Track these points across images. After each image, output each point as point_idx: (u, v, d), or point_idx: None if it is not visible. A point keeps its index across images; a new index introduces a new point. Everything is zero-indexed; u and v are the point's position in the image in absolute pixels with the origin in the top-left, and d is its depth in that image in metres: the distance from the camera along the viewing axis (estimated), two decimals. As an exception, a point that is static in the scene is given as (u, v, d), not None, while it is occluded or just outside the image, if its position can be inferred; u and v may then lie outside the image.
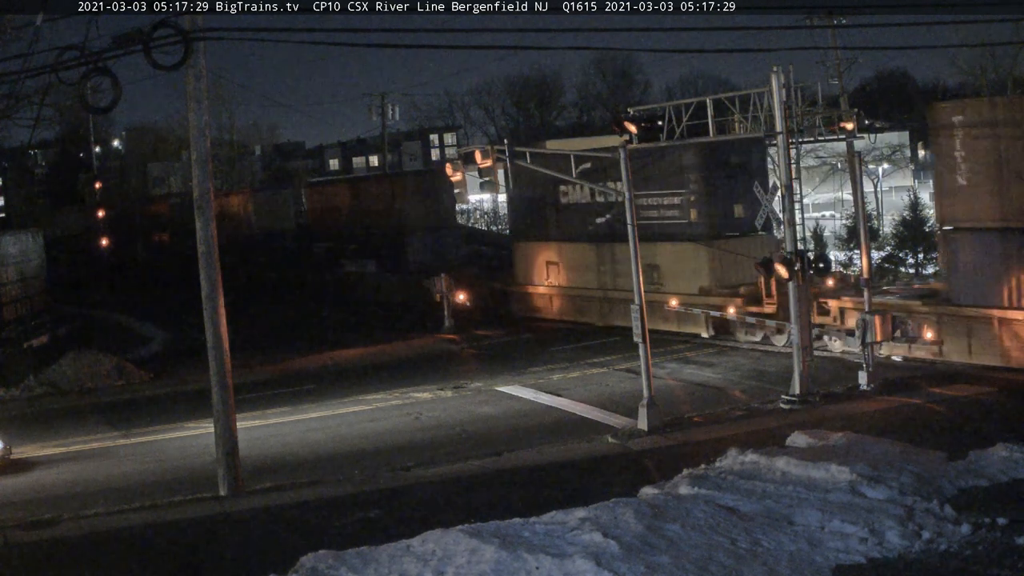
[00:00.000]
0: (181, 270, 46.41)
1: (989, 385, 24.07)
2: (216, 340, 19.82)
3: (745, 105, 25.00)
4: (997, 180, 24.98)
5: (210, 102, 20.46)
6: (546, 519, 15.24)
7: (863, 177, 25.40)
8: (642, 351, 22.77)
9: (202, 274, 19.85)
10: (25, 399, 31.29)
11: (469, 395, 27.76)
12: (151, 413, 28.37)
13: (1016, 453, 17.50)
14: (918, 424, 21.30)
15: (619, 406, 24.54)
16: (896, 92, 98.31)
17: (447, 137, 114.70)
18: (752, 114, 24.82)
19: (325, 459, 22.10)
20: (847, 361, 26.81)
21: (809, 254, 24.02)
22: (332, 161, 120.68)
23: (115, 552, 17.11)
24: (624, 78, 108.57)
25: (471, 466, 20.64)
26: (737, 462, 17.97)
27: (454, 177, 26.28)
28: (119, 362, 34.13)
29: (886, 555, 13.91)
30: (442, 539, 14.41)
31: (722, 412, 23.66)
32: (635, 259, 23.34)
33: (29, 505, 19.88)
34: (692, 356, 30.72)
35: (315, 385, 30.49)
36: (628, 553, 13.69)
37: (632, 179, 22.67)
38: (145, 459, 23.48)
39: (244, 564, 15.90)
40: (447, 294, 39.02)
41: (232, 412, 19.97)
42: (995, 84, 60.49)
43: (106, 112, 27.75)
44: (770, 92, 24.35)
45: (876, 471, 16.52)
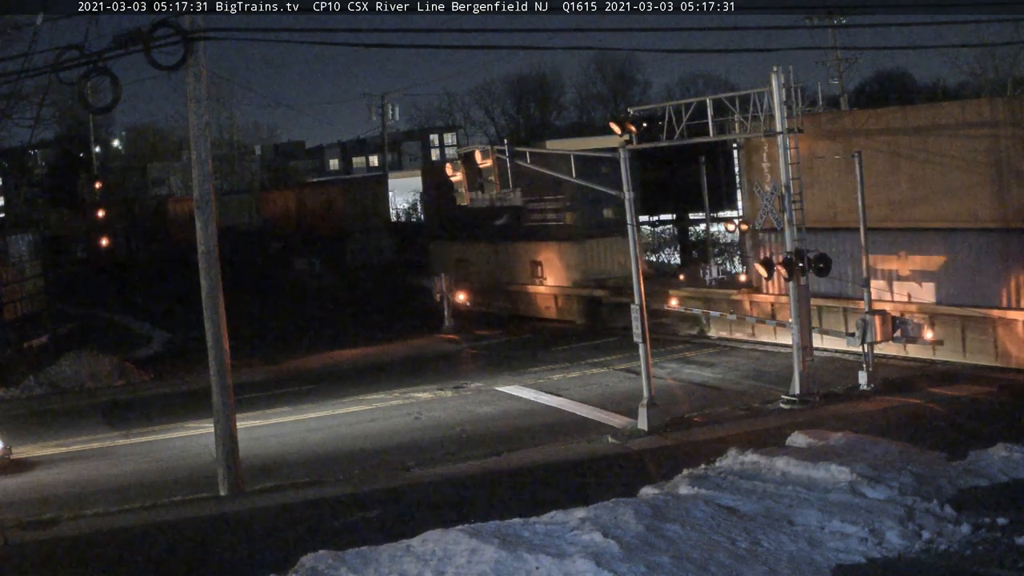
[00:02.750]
0: (181, 270, 47.45)
1: (989, 385, 24.08)
2: (216, 340, 19.82)
3: (745, 105, 24.96)
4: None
5: (210, 102, 20.47)
6: (546, 519, 15.23)
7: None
8: (642, 351, 22.78)
9: (202, 274, 19.85)
10: (25, 399, 31.29)
11: (469, 395, 27.77)
12: (151, 413, 28.38)
13: (1016, 453, 17.50)
14: (918, 424, 21.31)
15: (619, 406, 24.54)
16: (896, 92, 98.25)
17: (447, 137, 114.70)
18: (752, 114, 24.79)
19: (325, 459, 22.10)
20: (847, 361, 26.82)
21: (809, 254, 24.02)
22: (332, 161, 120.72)
23: (115, 552, 17.10)
24: (624, 78, 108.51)
25: (471, 466, 20.64)
26: (737, 462, 17.97)
27: (454, 177, 26.27)
28: (119, 362, 34.15)
29: (886, 555, 13.90)
30: (442, 539, 14.41)
31: (722, 412, 23.66)
32: (635, 259, 23.34)
33: (29, 505, 19.88)
34: (692, 356, 30.73)
35: (315, 385, 30.51)
36: (628, 553, 13.69)
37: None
38: (145, 459, 23.48)
39: (244, 564, 15.90)
40: (447, 294, 39.03)
41: (232, 412, 19.96)
42: (995, 84, 60.47)
43: (106, 112, 27.78)
44: (770, 92, 24.35)
45: (876, 471, 16.52)
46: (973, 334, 26.10)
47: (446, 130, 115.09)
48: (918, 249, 27.39)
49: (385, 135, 72.29)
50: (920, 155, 27.26)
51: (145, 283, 63.85)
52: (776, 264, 24.31)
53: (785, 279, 24.50)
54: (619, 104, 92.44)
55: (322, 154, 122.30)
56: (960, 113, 27.58)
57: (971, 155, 26.10)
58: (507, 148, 25.22)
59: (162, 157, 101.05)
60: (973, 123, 26.48)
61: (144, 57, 18.02)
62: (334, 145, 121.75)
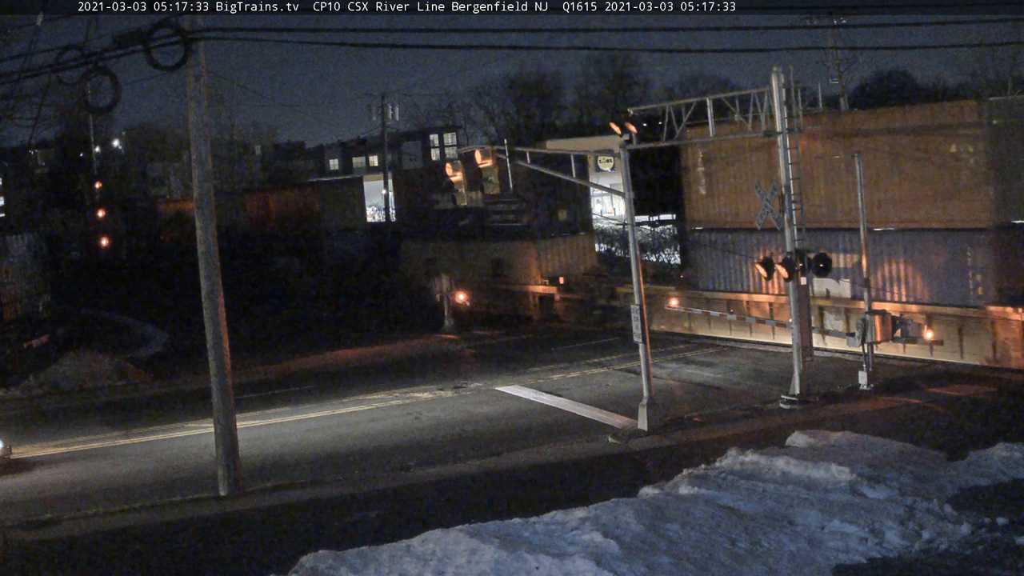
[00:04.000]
0: (181, 270, 47.77)
1: (989, 385, 24.09)
2: (216, 340, 19.81)
3: (745, 105, 24.97)
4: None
5: (210, 102, 20.45)
6: (546, 519, 15.24)
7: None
8: (642, 351, 22.77)
9: (202, 274, 19.84)
10: (25, 399, 31.28)
11: (469, 395, 27.76)
12: (151, 413, 28.37)
13: (1016, 453, 17.51)
14: (918, 424, 21.31)
15: (619, 406, 24.54)
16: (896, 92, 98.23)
17: (447, 137, 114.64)
18: (752, 114, 24.79)
19: (325, 459, 22.10)
20: (847, 361, 26.82)
21: (810, 255, 24.00)
22: (332, 161, 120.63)
23: (115, 552, 17.11)
24: (624, 78, 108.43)
25: (471, 466, 20.64)
26: (737, 462, 17.98)
27: (454, 177, 26.28)
28: (119, 362, 34.13)
29: (886, 555, 13.91)
30: (442, 539, 14.41)
31: (722, 412, 23.65)
32: (635, 259, 23.34)
33: (29, 505, 19.88)
34: (692, 356, 30.73)
35: (315, 385, 30.50)
36: (628, 553, 13.69)
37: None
38: (145, 459, 23.47)
39: (244, 564, 15.91)
40: (447, 294, 39.03)
41: (232, 412, 19.96)
42: (995, 84, 60.44)
43: (106, 112, 27.78)
44: (770, 92, 24.35)
45: (876, 471, 16.53)
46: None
47: (446, 130, 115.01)
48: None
49: (385, 135, 72.16)
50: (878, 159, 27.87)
51: (144, 283, 63.90)
52: (776, 264, 24.28)
53: (785, 279, 24.46)
54: (619, 104, 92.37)
55: (322, 154, 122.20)
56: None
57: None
58: (507, 148, 25.23)
59: (162, 157, 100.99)
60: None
61: (144, 57, 18.01)
62: (334, 145, 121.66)
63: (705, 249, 33.55)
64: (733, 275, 32.59)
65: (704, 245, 33.60)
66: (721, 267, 32.97)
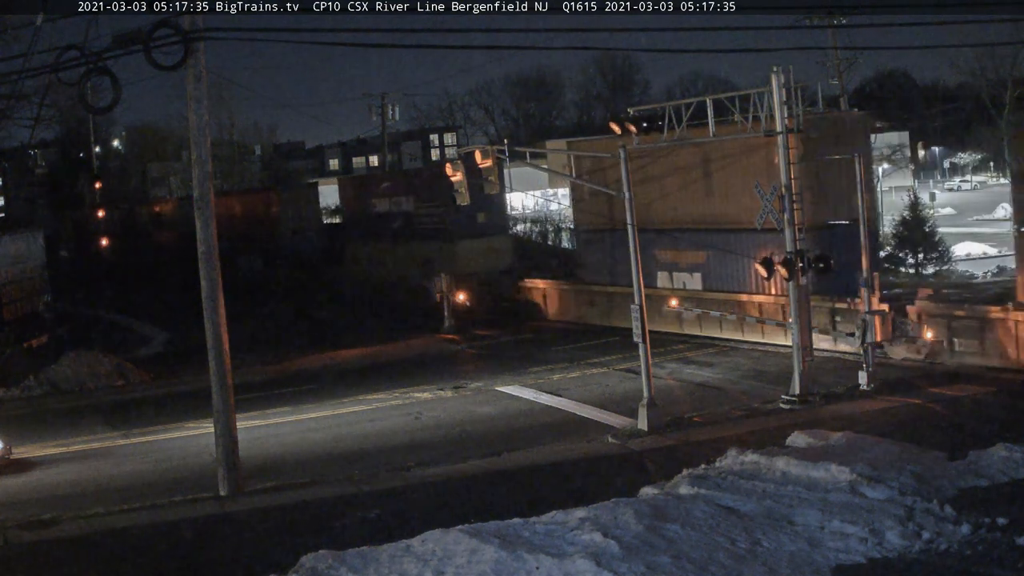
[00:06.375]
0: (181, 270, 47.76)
1: (989, 385, 24.08)
2: (216, 340, 19.81)
3: (745, 105, 24.99)
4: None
5: (210, 102, 20.44)
6: (546, 519, 15.24)
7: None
8: (642, 351, 22.78)
9: (202, 274, 19.86)
10: (25, 399, 31.28)
11: (469, 395, 27.77)
12: (151, 413, 28.36)
13: (1016, 453, 17.50)
14: (918, 424, 21.30)
15: (619, 406, 24.54)
16: (896, 92, 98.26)
17: (447, 137, 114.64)
18: (752, 114, 24.80)
19: (325, 459, 22.10)
20: (847, 361, 26.82)
21: (810, 254, 24.01)
22: (332, 161, 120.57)
23: (115, 552, 17.11)
24: (624, 78, 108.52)
25: (471, 466, 20.65)
26: (737, 462, 17.97)
27: (454, 177, 26.29)
28: (119, 362, 34.12)
29: (886, 555, 13.91)
30: (442, 539, 14.41)
31: (722, 412, 23.66)
32: (635, 260, 23.33)
33: (29, 505, 19.88)
34: (692, 356, 30.73)
35: (315, 385, 30.50)
36: (628, 553, 13.69)
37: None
38: (145, 459, 23.47)
39: (244, 564, 15.91)
40: (447, 294, 39.03)
41: (232, 412, 19.96)
42: (995, 84, 60.39)
43: (106, 112, 27.78)
44: (770, 92, 24.35)
45: (876, 471, 16.52)
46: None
47: (446, 130, 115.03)
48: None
49: (385, 135, 72.18)
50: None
51: (144, 283, 63.83)
52: (776, 264, 24.28)
53: (786, 279, 24.46)
54: (619, 104, 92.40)
55: (322, 154, 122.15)
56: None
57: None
58: (507, 148, 25.27)
59: (162, 157, 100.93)
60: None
61: (144, 57, 18.01)
62: (334, 145, 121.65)
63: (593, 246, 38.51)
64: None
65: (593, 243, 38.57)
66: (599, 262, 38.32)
